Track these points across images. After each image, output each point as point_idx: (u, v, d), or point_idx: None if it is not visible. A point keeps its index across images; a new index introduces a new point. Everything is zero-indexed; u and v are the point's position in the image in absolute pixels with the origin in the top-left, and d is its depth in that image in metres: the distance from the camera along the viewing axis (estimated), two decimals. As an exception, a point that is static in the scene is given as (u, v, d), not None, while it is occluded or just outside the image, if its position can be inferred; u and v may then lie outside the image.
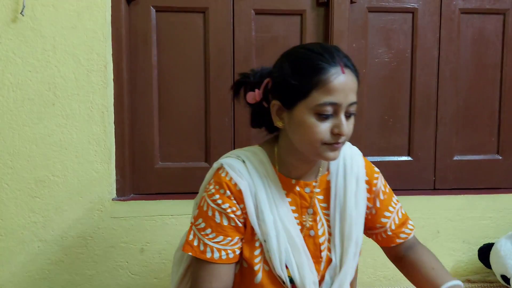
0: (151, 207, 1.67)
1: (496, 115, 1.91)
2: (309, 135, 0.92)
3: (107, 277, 1.67)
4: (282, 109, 0.96)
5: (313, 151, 0.94)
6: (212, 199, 0.98)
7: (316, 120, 0.91)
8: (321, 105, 0.90)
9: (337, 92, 0.89)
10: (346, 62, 0.92)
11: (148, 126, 1.73)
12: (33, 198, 1.61)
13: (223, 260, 0.98)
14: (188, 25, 1.72)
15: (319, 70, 0.89)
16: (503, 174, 1.92)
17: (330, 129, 0.92)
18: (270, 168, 1.02)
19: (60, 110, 1.59)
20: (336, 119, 0.91)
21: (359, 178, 1.06)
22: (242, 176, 0.99)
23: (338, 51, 0.94)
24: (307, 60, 0.92)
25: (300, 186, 1.03)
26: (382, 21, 1.80)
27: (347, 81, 0.90)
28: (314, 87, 0.90)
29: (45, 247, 1.63)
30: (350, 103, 0.91)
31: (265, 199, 0.99)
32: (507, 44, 1.87)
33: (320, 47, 0.94)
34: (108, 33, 1.61)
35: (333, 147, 0.93)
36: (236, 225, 0.98)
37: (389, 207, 1.10)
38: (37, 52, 1.57)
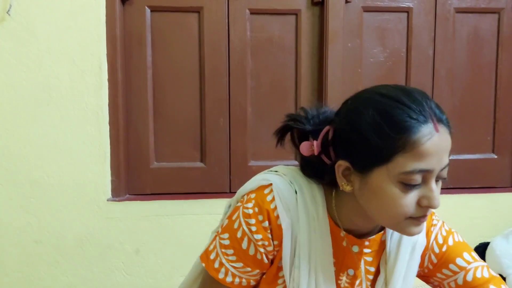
0: (146, 208, 1.67)
1: (492, 114, 1.91)
2: (391, 208, 0.74)
3: (103, 278, 1.66)
4: (351, 170, 0.77)
5: (393, 225, 0.77)
6: (247, 221, 0.83)
7: (401, 190, 0.72)
8: (409, 173, 0.70)
9: (430, 156, 0.70)
10: (440, 116, 0.72)
11: (143, 127, 1.73)
12: (28, 199, 1.60)
13: (235, 285, 0.87)
14: (183, 25, 1.72)
15: (407, 129, 0.70)
16: (499, 173, 1.92)
17: (417, 201, 0.73)
18: (322, 210, 0.84)
19: (55, 111, 1.59)
20: (426, 189, 0.72)
21: (416, 246, 0.87)
22: (288, 211, 0.83)
23: (427, 99, 0.73)
24: (389, 114, 0.72)
25: (349, 241, 0.85)
26: (377, 20, 1.80)
27: (442, 141, 0.71)
28: (399, 150, 0.70)
29: (40, 248, 1.62)
30: (443, 167, 0.73)
31: (305, 245, 0.83)
32: (502, 43, 1.87)
33: (404, 94, 0.74)
34: (102, 34, 1.60)
35: (419, 221, 0.75)
36: (262, 259, 0.84)
37: (450, 264, 0.87)
38: (31, 53, 1.56)
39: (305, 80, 1.78)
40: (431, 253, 0.88)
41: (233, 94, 1.74)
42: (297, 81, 1.77)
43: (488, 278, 0.86)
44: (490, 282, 0.85)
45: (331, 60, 1.74)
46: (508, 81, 1.89)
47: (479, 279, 0.85)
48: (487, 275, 0.86)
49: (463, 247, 0.88)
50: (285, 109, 1.09)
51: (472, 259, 0.87)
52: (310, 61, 1.78)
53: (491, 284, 0.85)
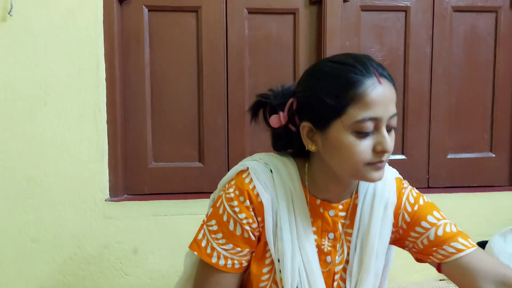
0: (144, 207, 1.66)
1: (489, 113, 1.92)
2: (350, 157, 0.82)
3: (100, 278, 1.66)
4: (314, 130, 0.86)
5: (355, 173, 0.84)
6: (230, 204, 0.91)
7: (356, 138, 0.81)
8: (360, 121, 0.79)
9: (376, 105, 0.79)
10: (382, 71, 0.82)
11: (141, 125, 1.72)
12: (25, 198, 1.59)
13: (229, 268, 0.92)
14: (181, 24, 1.71)
15: (353, 83, 0.80)
16: (496, 172, 1.93)
17: (372, 147, 0.81)
18: (298, 184, 0.93)
19: (52, 109, 1.58)
20: (378, 135, 0.81)
21: (388, 205, 0.95)
22: (266, 188, 0.91)
23: (370, 60, 0.83)
24: (338, 74, 0.82)
25: (325, 208, 0.94)
26: (374, 19, 1.81)
27: (386, 91, 0.80)
28: (349, 102, 0.80)
29: (37, 247, 1.62)
30: (391, 116, 0.82)
31: (286, 217, 0.91)
32: (499, 42, 1.88)
33: (349, 58, 0.84)
34: (100, 32, 1.60)
35: (377, 167, 0.83)
36: (249, 237, 0.91)
37: (422, 222, 0.94)
38: (28, 51, 1.56)
39: (303, 78, 1.77)
40: (404, 211, 0.95)
41: (231, 93, 1.74)
42: (295, 80, 1.77)
43: (456, 232, 0.93)
44: (458, 235, 0.92)
45: (329, 59, 1.74)
46: (505, 79, 1.90)
47: (448, 233, 0.92)
48: (455, 230, 0.93)
49: (432, 207, 0.96)
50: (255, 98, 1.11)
51: (441, 217, 0.95)
52: (308, 60, 1.78)
53: (460, 237, 0.92)
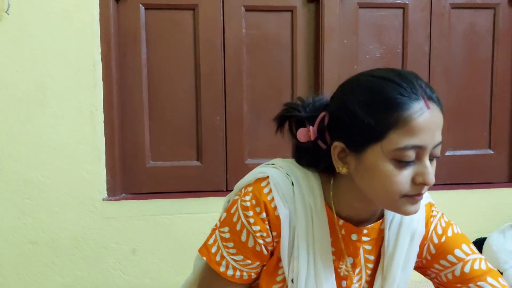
0: (142, 207, 1.66)
1: (488, 110, 1.91)
2: (386, 186, 0.74)
3: (99, 278, 1.65)
4: (347, 151, 0.79)
5: (389, 204, 0.77)
6: (245, 213, 0.84)
7: (395, 167, 0.73)
8: (402, 149, 0.72)
9: (422, 132, 0.71)
10: (430, 94, 0.74)
11: (139, 125, 1.71)
12: (23, 199, 1.59)
13: (236, 279, 0.87)
14: (178, 23, 1.70)
15: (399, 105, 0.71)
16: (495, 169, 1.92)
17: (411, 178, 0.74)
18: (320, 201, 0.85)
19: (49, 110, 1.57)
20: (420, 165, 0.74)
21: (415, 235, 0.88)
22: (285, 202, 0.84)
23: (418, 79, 0.75)
24: (381, 91, 0.73)
25: (347, 230, 0.86)
26: (372, 17, 1.80)
27: (433, 117, 0.72)
28: (392, 127, 0.72)
29: (35, 249, 1.61)
30: (436, 144, 0.74)
31: (304, 235, 0.84)
32: (498, 39, 1.87)
33: (395, 74, 0.75)
34: (96, 32, 1.59)
35: (414, 200, 0.76)
36: (261, 251, 0.86)
37: (448, 255, 0.87)
38: (25, 52, 1.54)
39: (301, 77, 1.77)
40: (430, 243, 0.88)
41: (229, 92, 1.73)
42: (293, 78, 1.77)
43: (485, 270, 0.86)
44: (487, 274, 0.85)
45: (327, 57, 1.73)
46: (504, 76, 1.89)
47: (476, 270, 0.85)
48: (485, 267, 0.86)
49: (462, 239, 0.89)
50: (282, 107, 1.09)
51: (470, 251, 0.87)
52: (306, 58, 1.77)
53: (489, 276, 0.85)
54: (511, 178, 1.94)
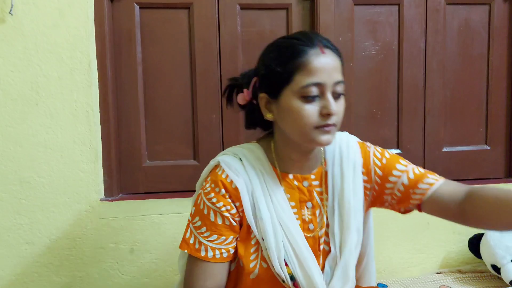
0: (140, 207, 1.65)
1: (484, 106, 1.92)
2: (298, 120, 0.91)
3: (97, 279, 1.65)
4: (270, 101, 0.96)
5: (306, 137, 0.93)
6: (208, 197, 0.98)
7: (303, 103, 0.90)
8: (305, 87, 0.89)
9: (319, 71, 0.89)
10: (326, 43, 0.92)
11: (135, 125, 1.71)
12: (19, 200, 1.58)
13: (217, 259, 0.98)
14: (173, 21, 1.70)
15: (299, 53, 0.90)
16: (492, 164, 1.93)
17: (318, 111, 0.90)
18: (267, 165, 1.01)
19: (44, 110, 1.56)
20: (323, 100, 0.90)
21: (356, 165, 1.04)
22: (238, 174, 0.98)
23: (317, 35, 0.94)
24: (286, 47, 0.93)
25: (298, 180, 1.02)
26: (368, 13, 1.80)
27: (328, 60, 0.90)
28: (295, 70, 0.90)
29: (32, 250, 1.60)
30: (335, 82, 0.91)
31: (261, 197, 0.98)
32: (493, 35, 1.88)
33: (298, 34, 0.96)
34: (91, 31, 1.58)
35: (324, 130, 0.91)
36: (231, 224, 0.98)
37: (393, 170, 1.03)
38: (18, 51, 1.54)
39: (297, 74, 1.77)
40: (375, 167, 1.05)
41: (225, 90, 1.73)
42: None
43: (424, 172, 1.04)
44: (427, 173, 1.03)
45: (323, 54, 1.73)
46: (499, 72, 1.90)
47: (417, 174, 1.02)
48: (423, 170, 1.04)
49: (397, 157, 1.07)
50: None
51: (407, 163, 1.05)
52: (302, 56, 1.77)
53: (428, 174, 1.03)
54: (507, 174, 1.95)
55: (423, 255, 1.82)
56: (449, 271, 1.80)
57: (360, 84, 1.81)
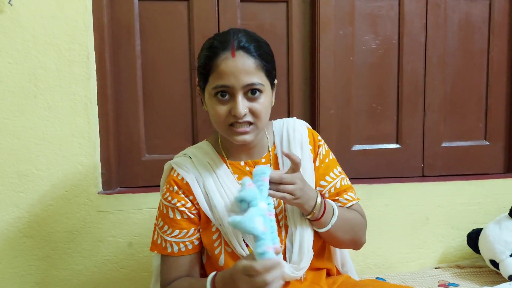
0: (138, 200, 1.65)
1: (483, 101, 1.91)
2: (213, 117, 1.01)
3: (96, 272, 1.64)
4: (202, 94, 1.05)
5: (224, 133, 1.02)
6: (165, 197, 1.07)
7: (216, 102, 0.98)
8: (215, 88, 0.97)
9: (226, 75, 0.95)
10: (242, 44, 0.97)
11: (133, 118, 1.70)
12: (17, 193, 1.57)
13: (182, 252, 1.05)
14: (172, 14, 1.68)
15: (212, 56, 0.97)
16: (491, 160, 1.93)
17: (229, 111, 0.97)
18: (216, 157, 1.09)
19: (42, 102, 1.55)
20: (233, 101, 0.97)
21: (303, 143, 1.11)
22: (188, 170, 1.06)
23: (236, 33, 0.99)
24: (207, 47, 1.00)
25: (249, 165, 1.08)
26: (368, 7, 1.79)
27: (238, 64, 0.95)
28: (209, 72, 0.98)
29: (31, 243, 1.60)
30: (244, 85, 0.96)
31: (213, 186, 1.04)
32: (493, 30, 1.87)
33: (221, 33, 1.03)
34: (89, 23, 1.57)
35: (237, 131, 0.98)
36: (189, 217, 1.05)
37: (328, 174, 1.12)
38: (16, 43, 1.52)
39: (297, 68, 1.76)
40: (318, 158, 1.12)
41: (225, 84, 1.72)
42: (289, 69, 1.76)
43: (348, 185, 1.14)
44: (349, 189, 1.14)
45: (323, 48, 1.72)
46: (499, 67, 1.89)
47: (343, 186, 1.13)
48: (345, 184, 1.13)
49: (335, 163, 1.16)
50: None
51: (339, 172, 1.14)
52: (302, 49, 1.76)
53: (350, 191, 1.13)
54: (506, 169, 1.94)
55: (422, 250, 1.82)
56: (448, 266, 1.80)
57: (360, 78, 1.81)
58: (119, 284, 1.66)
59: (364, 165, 1.82)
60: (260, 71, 0.98)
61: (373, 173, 1.82)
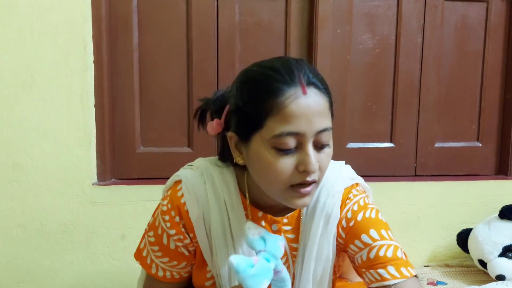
0: (132, 192, 1.65)
1: (477, 103, 1.93)
2: (269, 174, 0.75)
3: (88, 263, 1.65)
4: (240, 142, 0.79)
5: (277, 196, 0.78)
6: (163, 217, 0.87)
7: (275, 155, 0.73)
8: (278, 136, 0.72)
9: (297, 118, 0.71)
10: (311, 79, 0.74)
11: (129, 110, 1.70)
12: (11, 183, 1.57)
13: (168, 279, 0.91)
14: (171, 8, 1.68)
15: (273, 92, 0.72)
16: (483, 161, 1.95)
17: (294, 166, 0.74)
18: (236, 194, 0.86)
19: (38, 93, 1.55)
20: (302, 153, 0.73)
21: (330, 218, 0.87)
22: (198, 201, 0.85)
23: (302, 65, 0.75)
24: (260, 80, 0.75)
25: (267, 221, 0.87)
26: (366, 6, 1.79)
27: (310, 103, 0.72)
28: (268, 114, 0.72)
29: (24, 233, 1.60)
30: (318, 131, 0.73)
31: (219, 232, 0.85)
32: (489, 32, 1.88)
33: (279, 62, 0.76)
34: (87, 14, 1.56)
35: (301, 193, 0.75)
36: (183, 252, 0.89)
37: (359, 238, 0.86)
38: (13, 33, 1.51)
39: (293, 65, 1.76)
40: (340, 226, 0.88)
41: (221, 79, 1.72)
42: (286, 67, 1.76)
43: (390, 258, 0.83)
44: (390, 262, 0.82)
45: (320, 46, 1.73)
46: (494, 70, 1.91)
47: (381, 257, 0.83)
48: (391, 255, 0.83)
49: (372, 224, 0.87)
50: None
51: (379, 237, 0.85)
52: (299, 47, 1.76)
53: (390, 265, 0.82)
54: (497, 171, 1.97)
55: (412, 249, 1.84)
56: (437, 265, 1.83)
57: (356, 77, 1.81)
58: (111, 275, 1.67)
59: (358, 163, 1.79)
60: (330, 112, 0.76)
61: (366, 171, 1.84)
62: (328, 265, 0.90)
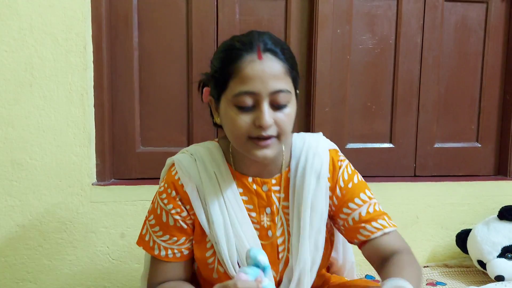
0: (131, 192, 1.65)
1: (477, 104, 1.93)
2: (232, 129, 0.87)
3: (87, 262, 1.65)
4: (215, 104, 0.92)
5: (241, 148, 0.89)
6: (161, 197, 0.97)
7: (236, 112, 0.85)
8: (237, 95, 0.84)
9: (252, 80, 0.82)
10: (269, 46, 0.85)
11: (129, 110, 1.70)
12: (10, 181, 1.57)
13: (170, 258, 0.98)
14: (171, 7, 1.68)
15: (234, 58, 0.84)
16: (482, 162, 1.95)
17: (253, 122, 0.84)
18: (224, 166, 0.96)
19: (38, 92, 1.55)
20: (257, 110, 0.84)
21: (320, 175, 0.97)
22: (190, 177, 0.94)
23: (261, 35, 0.87)
24: (225, 49, 0.88)
25: (257, 184, 0.97)
26: (366, 6, 1.80)
27: (265, 67, 0.83)
28: (230, 76, 0.84)
29: (23, 232, 1.60)
30: (272, 92, 0.84)
31: (214, 201, 0.94)
32: (489, 33, 1.89)
33: (244, 34, 0.89)
34: (87, 13, 1.56)
35: (259, 145, 0.85)
36: (181, 226, 0.96)
37: (352, 201, 0.98)
38: (13, 31, 1.51)
39: (293, 65, 1.76)
40: (337, 186, 0.99)
41: (221, 78, 1.72)
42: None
43: (378, 213, 0.98)
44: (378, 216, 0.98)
45: (320, 46, 1.73)
46: (493, 70, 1.91)
47: (371, 214, 0.97)
48: (378, 209, 0.99)
49: (362, 187, 1.00)
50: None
51: (367, 197, 0.99)
52: (299, 47, 1.76)
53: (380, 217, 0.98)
54: (496, 171, 1.97)
55: (411, 249, 1.84)
56: (436, 265, 1.83)
57: (355, 77, 1.82)
58: (111, 275, 1.66)
59: (357, 164, 1.80)
60: (288, 76, 0.86)
61: (365, 171, 1.83)
62: (323, 218, 0.98)
